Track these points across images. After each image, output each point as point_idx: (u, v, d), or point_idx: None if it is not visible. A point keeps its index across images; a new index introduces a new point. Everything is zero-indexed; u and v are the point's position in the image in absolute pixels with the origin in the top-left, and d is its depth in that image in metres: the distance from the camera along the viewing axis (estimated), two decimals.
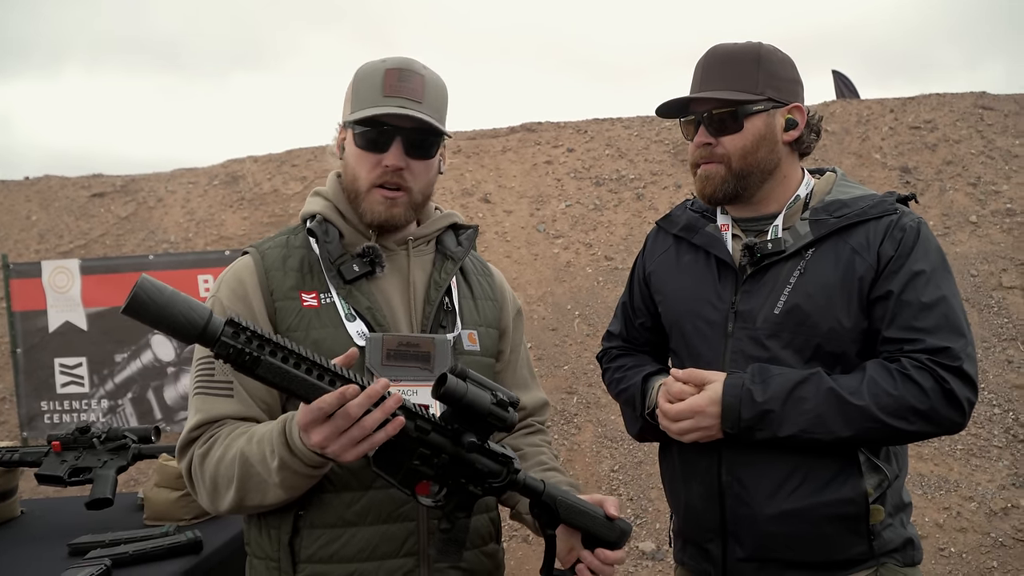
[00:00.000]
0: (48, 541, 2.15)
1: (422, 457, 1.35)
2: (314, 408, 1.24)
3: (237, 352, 1.19)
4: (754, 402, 1.62)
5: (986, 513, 5.21)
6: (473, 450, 1.35)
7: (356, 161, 1.59)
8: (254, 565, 1.59)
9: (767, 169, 1.75)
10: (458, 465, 1.37)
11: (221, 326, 1.18)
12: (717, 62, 1.75)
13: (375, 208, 1.58)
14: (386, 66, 1.56)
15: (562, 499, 1.47)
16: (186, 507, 2.23)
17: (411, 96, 1.55)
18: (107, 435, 2.37)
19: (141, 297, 1.13)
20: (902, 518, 1.72)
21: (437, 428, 1.35)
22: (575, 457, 5.93)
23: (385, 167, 1.56)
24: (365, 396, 1.24)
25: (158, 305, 1.14)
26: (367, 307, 1.56)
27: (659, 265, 1.92)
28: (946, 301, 1.64)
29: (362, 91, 1.57)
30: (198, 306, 1.17)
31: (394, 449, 1.33)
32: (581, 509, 1.48)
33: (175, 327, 1.15)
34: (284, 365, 1.21)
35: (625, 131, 9.16)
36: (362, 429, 1.25)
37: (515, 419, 1.35)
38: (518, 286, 7.47)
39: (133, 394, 5.45)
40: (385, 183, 1.57)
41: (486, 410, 1.32)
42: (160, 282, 1.16)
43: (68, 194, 9.36)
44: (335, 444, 1.27)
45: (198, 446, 1.50)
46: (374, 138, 1.55)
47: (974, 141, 8.55)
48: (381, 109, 1.52)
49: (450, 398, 1.30)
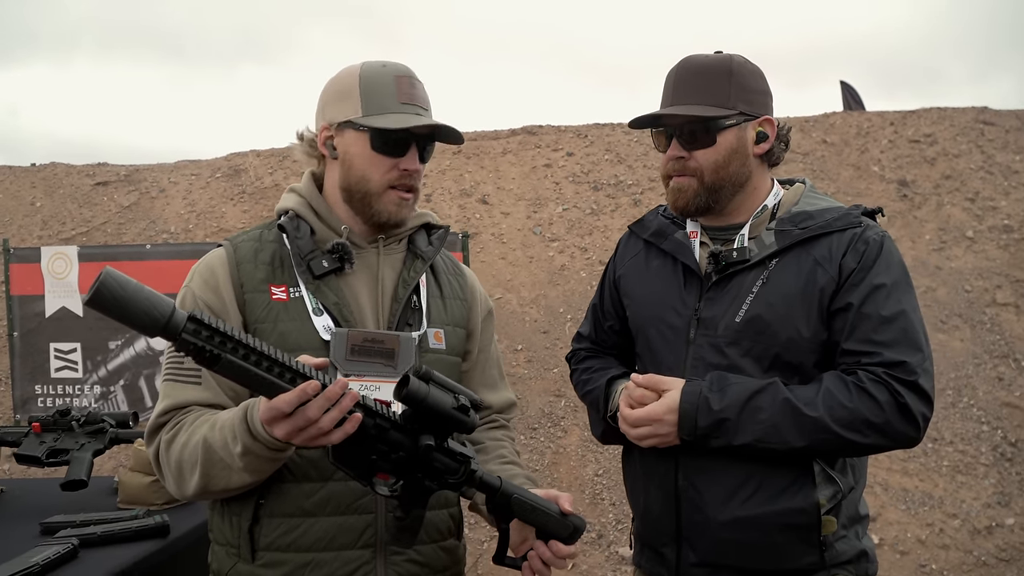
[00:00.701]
0: (23, 519, 2.19)
1: (380, 453, 1.37)
2: (273, 408, 1.27)
3: (198, 348, 1.20)
4: (711, 410, 1.63)
5: (969, 531, 5.22)
6: (430, 453, 1.39)
7: (368, 163, 1.62)
8: (215, 551, 1.62)
9: (738, 182, 1.76)
10: (415, 462, 1.40)
11: (183, 322, 1.19)
12: (689, 75, 1.76)
13: (389, 208, 1.63)
14: (395, 72, 1.62)
15: (517, 496, 1.50)
16: (158, 492, 2.27)
17: (422, 104, 1.64)
18: (86, 418, 2.41)
19: (104, 290, 1.13)
20: (857, 530, 1.73)
21: (396, 427, 1.37)
22: (560, 460, 5.96)
23: (404, 171, 1.62)
24: (323, 399, 1.27)
25: (121, 299, 1.15)
26: (335, 303, 1.59)
27: (628, 269, 1.94)
28: (905, 315, 1.65)
29: (375, 96, 1.60)
30: (161, 301, 1.18)
31: (353, 444, 1.35)
32: (535, 506, 1.51)
33: (137, 321, 1.16)
34: (244, 363, 1.23)
35: (625, 137, 9.18)
36: (320, 428, 1.28)
37: (476, 423, 1.38)
38: (512, 288, 7.50)
39: (125, 381, 5.48)
40: (398, 185, 1.63)
41: (447, 414, 1.35)
42: (125, 276, 1.17)
43: (72, 182, 9.41)
44: (298, 439, 1.31)
45: (164, 432, 1.53)
46: (395, 143, 1.61)
47: (974, 156, 8.56)
48: (411, 120, 1.59)
49: (412, 400, 1.33)
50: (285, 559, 1.53)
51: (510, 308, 7.26)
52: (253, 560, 1.54)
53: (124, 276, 1.16)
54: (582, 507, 5.51)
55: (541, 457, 5.97)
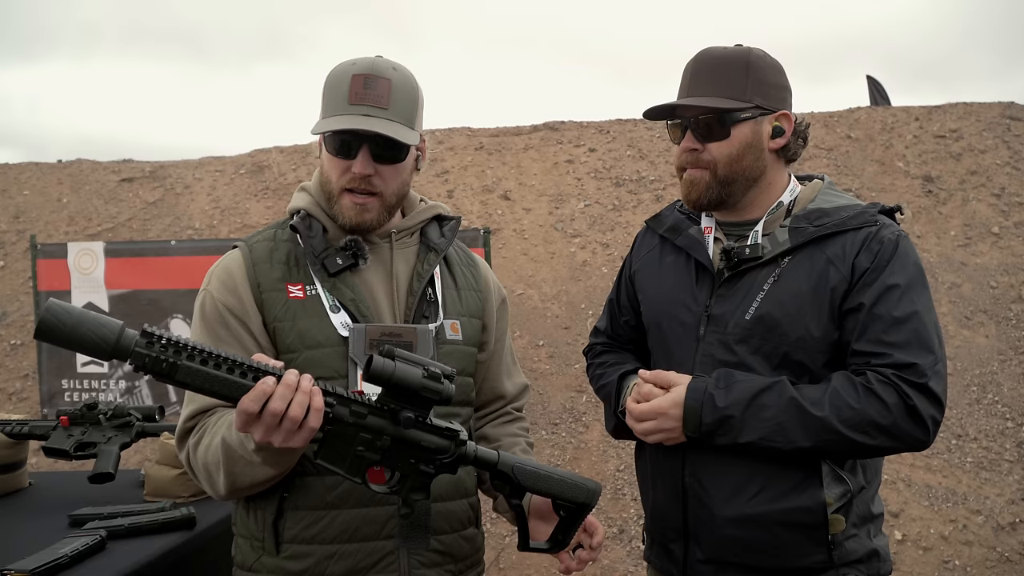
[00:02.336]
0: (51, 511, 2.23)
1: (364, 442, 1.36)
2: (241, 412, 1.28)
3: (153, 360, 1.20)
4: (715, 407, 1.63)
5: (993, 527, 5.17)
6: (411, 425, 1.36)
7: (328, 165, 1.63)
8: (239, 544, 1.65)
9: (752, 176, 1.75)
10: (403, 446, 1.38)
11: (135, 339, 1.19)
12: (706, 67, 1.75)
13: (346, 213, 1.62)
14: (354, 71, 1.58)
15: (519, 466, 1.49)
16: (184, 485, 2.31)
17: (376, 103, 1.56)
18: (113, 412, 2.44)
19: (49, 321, 1.15)
20: (869, 529, 1.71)
21: (373, 411, 1.36)
22: (582, 455, 5.97)
23: (354, 174, 1.58)
24: (284, 387, 1.28)
25: (67, 327, 1.16)
26: (351, 299, 1.61)
27: (644, 264, 1.95)
28: (918, 317, 1.63)
29: (329, 97, 1.60)
30: (108, 322, 1.19)
31: (336, 439, 1.35)
32: (541, 473, 1.50)
33: (87, 346, 1.17)
34: (203, 367, 1.23)
35: (647, 132, 9.15)
36: (291, 419, 1.28)
37: (451, 391, 1.35)
38: (533, 283, 7.51)
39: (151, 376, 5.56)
40: (354, 188, 1.60)
41: (418, 384, 1.32)
42: (68, 304, 1.18)
43: (98, 178, 9.52)
44: (275, 438, 1.31)
45: (192, 437, 1.56)
46: (341, 145, 1.59)
47: (1000, 152, 8.45)
48: (343, 123, 1.55)
49: (378, 378, 1.31)
50: (310, 551, 1.55)
51: (531, 304, 7.27)
52: (278, 553, 1.56)
53: (67, 305, 1.18)
54: (603, 502, 5.52)
55: (563, 452, 5.99)
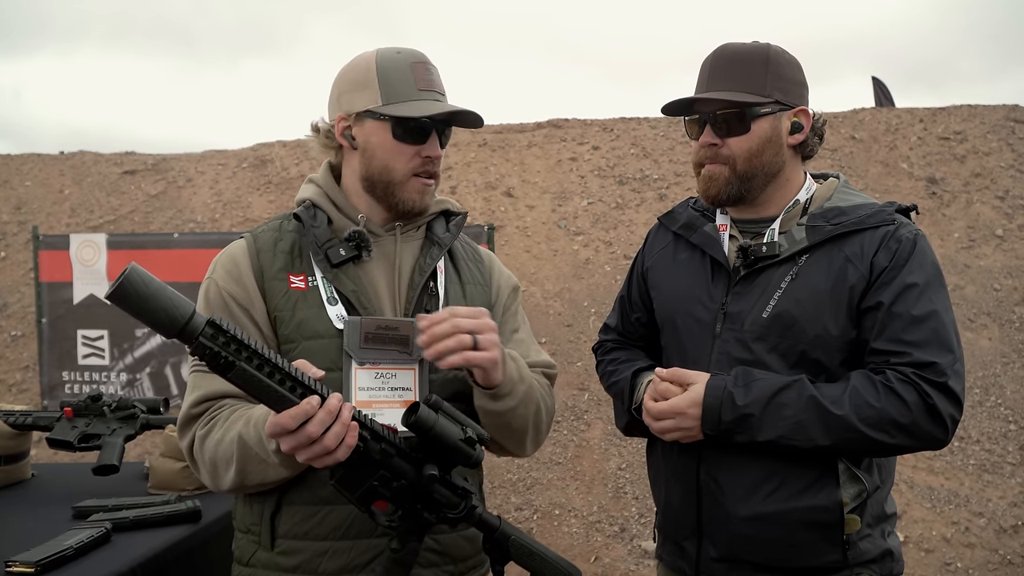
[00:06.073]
0: (55, 503, 2.22)
1: (382, 479, 1.36)
2: (277, 424, 1.28)
3: (214, 354, 1.18)
4: (735, 405, 1.62)
5: (995, 530, 5.17)
6: (433, 483, 1.37)
7: (390, 152, 1.61)
8: (238, 538, 1.64)
9: (771, 172, 1.74)
10: (416, 492, 1.39)
11: (202, 326, 1.17)
12: (725, 62, 1.74)
13: (413, 196, 1.64)
14: (411, 59, 1.62)
15: (515, 539, 1.48)
16: (189, 478, 2.29)
17: (439, 89, 1.63)
18: (117, 404, 2.43)
19: (128, 285, 1.12)
20: (883, 528, 1.71)
21: (401, 454, 1.37)
22: (583, 454, 5.96)
23: (426, 158, 1.62)
24: (325, 412, 1.27)
25: (143, 296, 1.13)
26: (352, 290, 1.60)
27: (657, 261, 1.93)
28: (937, 316, 1.63)
29: (393, 84, 1.60)
30: (182, 303, 1.16)
31: (355, 467, 1.35)
32: (532, 550, 1.49)
33: (157, 319, 1.14)
34: (258, 373, 1.22)
35: (651, 131, 9.14)
36: (324, 447, 1.29)
37: (480, 457, 1.39)
38: (536, 281, 7.50)
39: (151, 369, 5.53)
40: (423, 172, 1.63)
41: (454, 444, 1.34)
42: (149, 274, 1.15)
43: (101, 170, 9.51)
44: (302, 455, 1.31)
45: (199, 427, 1.54)
46: (415, 131, 1.61)
47: (1004, 154, 8.44)
48: (431, 107, 1.59)
49: (420, 428, 1.32)
50: (303, 547, 1.54)
51: (534, 301, 7.26)
52: (272, 547, 1.55)
53: (148, 274, 1.15)
54: (605, 501, 5.51)
55: (564, 450, 5.98)
